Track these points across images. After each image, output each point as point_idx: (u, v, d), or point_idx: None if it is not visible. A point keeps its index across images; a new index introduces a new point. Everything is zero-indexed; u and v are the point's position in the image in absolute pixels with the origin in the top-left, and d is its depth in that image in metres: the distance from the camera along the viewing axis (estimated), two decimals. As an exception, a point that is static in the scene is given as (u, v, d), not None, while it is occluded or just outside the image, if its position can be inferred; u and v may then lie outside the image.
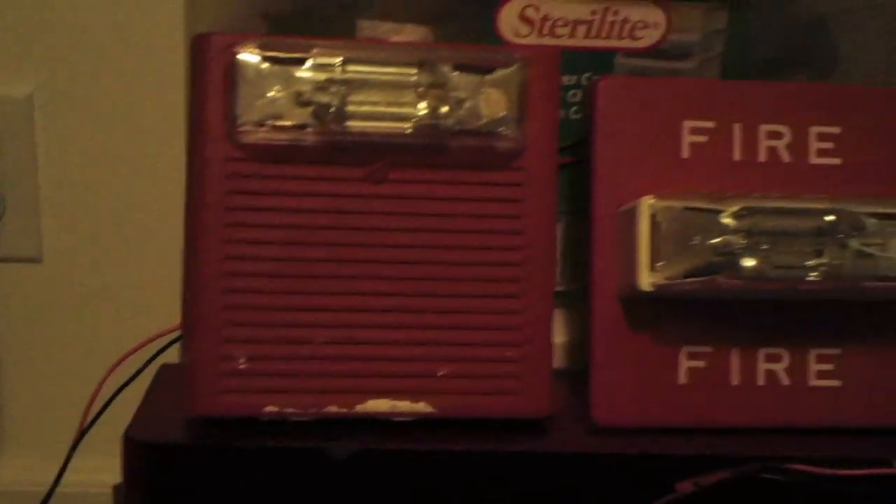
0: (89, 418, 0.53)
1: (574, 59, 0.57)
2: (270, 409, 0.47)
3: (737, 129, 0.53)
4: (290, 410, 0.47)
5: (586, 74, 0.58)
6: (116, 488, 0.50)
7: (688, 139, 0.53)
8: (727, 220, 0.48)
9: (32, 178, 0.78)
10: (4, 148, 0.77)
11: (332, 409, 0.48)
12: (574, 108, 0.58)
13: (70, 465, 0.56)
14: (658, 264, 0.49)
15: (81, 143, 0.77)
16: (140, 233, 0.79)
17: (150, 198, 0.79)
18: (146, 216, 0.79)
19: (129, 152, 0.78)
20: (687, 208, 0.49)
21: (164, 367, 0.55)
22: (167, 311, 0.58)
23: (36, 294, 0.80)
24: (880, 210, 0.49)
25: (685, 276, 0.49)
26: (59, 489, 0.58)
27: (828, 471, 0.50)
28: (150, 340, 0.54)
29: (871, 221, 0.49)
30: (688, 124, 0.53)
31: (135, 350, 0.53)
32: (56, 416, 0.78)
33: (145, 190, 0.78)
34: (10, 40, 0.76)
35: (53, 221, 0.79)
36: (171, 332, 0.54)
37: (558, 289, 0.59)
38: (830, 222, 0.49)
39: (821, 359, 0.53)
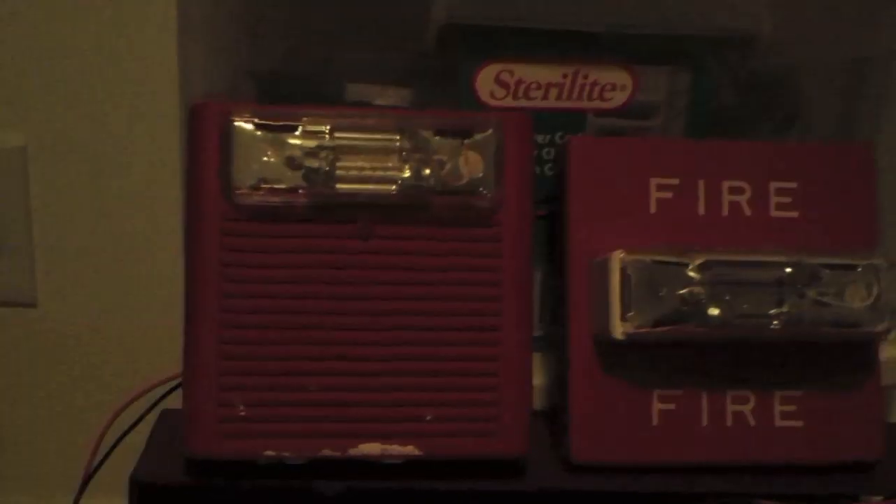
0: (94, 462, 0.55)
1: (548, 119, 0.61)
2: (269, 453, 0.50)
3: (701, 185, 0.56)
4: (287, 454, 0.50)
5: (559, 133, 0.61)
6: (121, 529, 0.53)
7: (655, 195, 0.56)
8: (692, 273, 0.52)
9: (27, 226, 0.78)
10: None
11: (327, 452, 0.50)
12: (549, 165, 0.61)
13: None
14: (629, 314, 0.52)
15: (75, 192, 0.77)
16: (132, 279, 0.79)
17: (141, 245, 0.78)
18: (139, 262, 0.79)
19: (121, 201, 0.77)
20: (655, 261, 0.52)
21: (166, 412, 0.58)
22: (161, 356, 0.60)
23: (30, 338, 0.80)
24: (835, 261, 0.53)
25: (654, 325, 0.52)
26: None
27: (792, 504, 0.53)
28: (152, 387, 0.56)
29: (827, 272, 0.53)
30: (655, 181, 0.56)
31: (137, 397, 0.56)
32: (52, 460, 0.80)
33: (138, 237, 0.78)
34: (4, 93, 0.75)
35: (48, 267, 0.79)
36: (172, 379, 0.56)
37: (538, 333, 0.62)
38: (789, 274, 0.52)
39: (784, 400, 0.56)
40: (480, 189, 0.52)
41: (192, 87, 0.62)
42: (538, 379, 0.61)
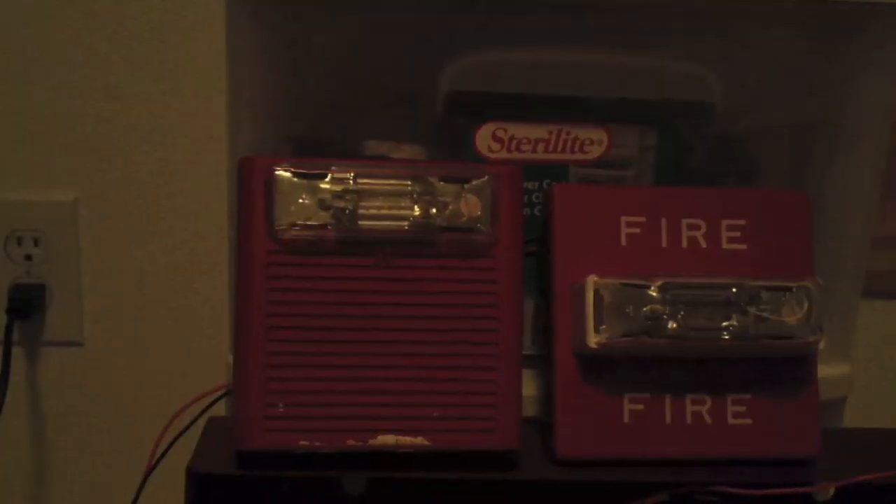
0: (154, 460, 0.64)
1: (536, 170, 0.71)
2: (303, 443, 0.60)
3: (664, 223, 0.66)
4: (318, 444, 0.60)
5: (546, 181, 0.71)
6: (181, 512, 0.62)
7: (625, 231, 0.65)
8: (654, 293, 0.62)
9: (76, 272, 0.83)
10: (50, 246, 0.82)
11: (351, 443, 0.60)
12: (537, 208, 0.71)
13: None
14: (601, 328, 0.62)
15: (121, 240, 0.83)
16: (172, 318, 0.85)
17: (181, 289, 0.84)
18: (179, 304, 0.85)
19: (163, 249, 0.83)
20: (622, 284, 0.62)
21: (213, 419, 0.68)
22: (200, 388, 0.68)
23: (78, 374, 0.85)
24: (772, 284, 0.63)
25: (622, 337, 0.62)
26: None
27: (747, 491, 0.62)
28: (204, 396, 0.66)
29: (766, 293, 0.62)
30: (625, 219, 0.65)
31: (191, 403, 0.65)
32: (98, 488, 0.87)
33: (178, 282, 0.84)
34: (58, 152, 0.80)
35: (95, 309, 0.84)
36: (217, 390, 0.66)
37: (531, 352, 0.72)
38: (734, 294, 0.62)
39: (735, 402, 0.65)
40: (478, 226, 0.62)
41: (238, 148, 0.70)
42: (531, 391, 0.70)
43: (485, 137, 0.71)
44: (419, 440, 0.61)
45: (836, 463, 0.66)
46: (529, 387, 0.69)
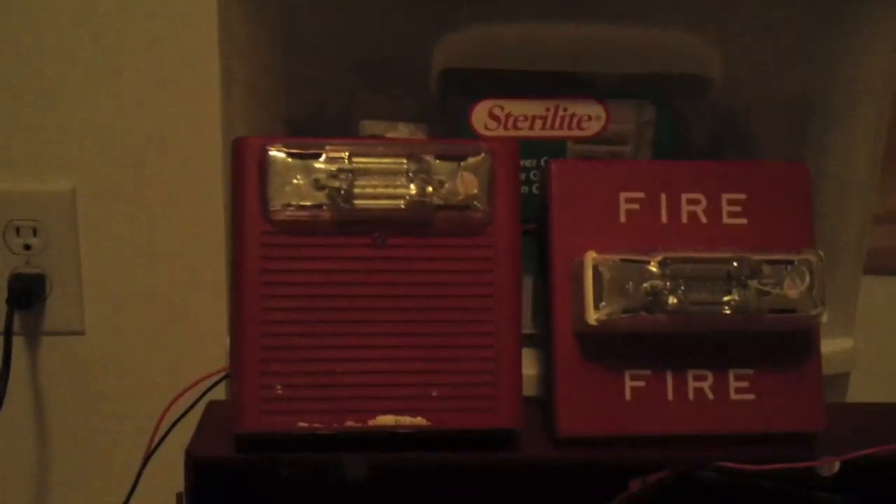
0: (154, 443, 0.64)
1: (534, 147, 0.70)
2: (302, 425, 0.59)
3: (663, 198, 0.65)
4: (317, 426, 0.60)
5: (544, 158, 0.70)
6: (179, 496, 0.62)
7: (624, 207, 0.65)
8: (653, 269, 0.61)
9: (75, 262, 0.82)
10: (50, 236, 0.81)
11: (350, 423, 0.60)
12: (535, 185, 0.71)
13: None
14: (601, 305, 0.61)
15: (120, 229, 0.81)
16: (174, 308, 0.83)
17: (182, 276, 0.83)
18: (179, 292, 0.83)
19: (162, 237, 0.82)
20: (622, 260, 0.61)
21: (212, 403, 0.67)
22: (203, 373, 0.67)
23: (79, 363, 0.84)
24: (773, 258, 0.62)
25: (622, 313, 0.61)
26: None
27: (750, 467, 0.62)
28: (203, 380, 0.65)
29: (767, 266, 0.62)
30: (624, 195, 0.65)
31: (190, 387, 0.65)
32: (100, 476, 0.86)
33: (177, 270, 0.83)
34: (55, 141, 0.79)
35: (95, 298, 0.83)
36: (218, 373, 0.66)
37: (530, 332, 0.71)
38: (735, 268, 0.62)
39: (738, 378, 0.64)
40: (475, 204, 0.61)
41: (232, 130, 0.70)
42: (532, 371, 0.70)
43: (481, 115, 0.70)
44: (418, 420, 0.60)
45: (840, 438, 0.65)
46: (530, 366, 0.69)
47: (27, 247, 0.82)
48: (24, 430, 0.86)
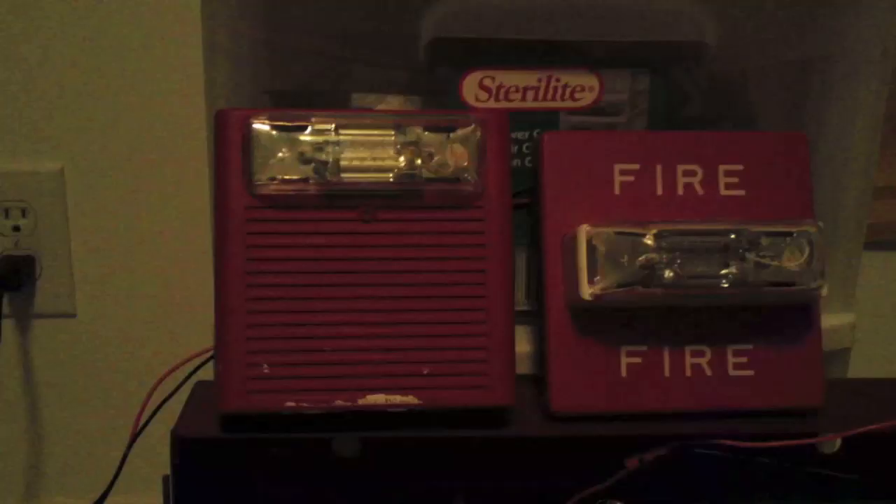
0: (140, 424, 0.63)
1: (526, 119, 0.69)
2: (289, 404, 0.58)
3: (658, 170, 0.64)
4: (305, 405, 0.58)
5: (536, 130, 0.69)
6: (165, 478, 0.60)
7: (619, 179, 0.63)
8: (649, 241, 0.60)
9: (66, 243, 0.82)
10: (39, 217, 0.81)
11: (339, 402, 0.58)
12: (528, 159, 0.69)
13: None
14: (595, 278, 0.60)
15: (109, 209, 0.81)
16: (165, 286, 0.83)
17: (173, 256, 0.83)
18: (171, 272, 0.83)
19: (152, 216, 0.82)
20: (616, 232, 0.60)
21: (200, 383, 0.66)
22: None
23: (72, 345, 0.84)
24: (772, 229, 0.60)
25: (617, 287, 0.59)
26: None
27: (749, 444, 0.60)
28: (190, 359, 0.64)
29: (766, 238, 0.60)
30: (618, 167, 0.64)
31: (177, 367, 0.64)
32: (92, 461, 0.86)
33: (169, 249, 0.83)
34: (42, 122, 0.79)
35: (86, 280, 0.83)
36: (205, 353, 0.64)
37: (524, 308, 0.70)
38: (732, 240, 0.60)
39: (736, 353, 0.63)
40: (465, 177, 0.60)
41: (216, 103, 0.68)
42: (526, 348, 0.69)
43: (471, 86, 0.69)
44: (409, 398, 0.59)
45: (841, 414, 0.64)
46: (524, 343, 0.68)
47: (16, 228, 0.81)
48: (14, 413, 0.86)
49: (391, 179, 0.59)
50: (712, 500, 0.63)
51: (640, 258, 0.59)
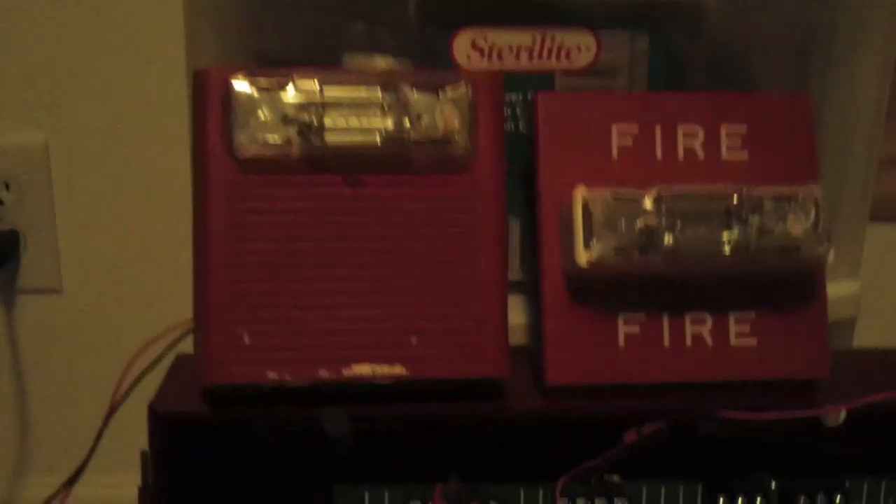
0: (118, 398, 0.61)
1: (520, 80, 0.66)
2: (271, 376, 0.56)
3: (658, 132, 0.61)
4: (288, 377, 0.56)
5: (531, 92, 0.66)
6: (144, 454, 0.58)
7: (616, 141, 0.61)
8: (647, 206, 0.57)
9: (51, 217, 0.80)
10: (23, 191, 0.79)
11: (323, 374, 0.56)
12: (522, 122, 0.67)
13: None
14: (591, 245, 0.57)
15: (95, 182, 0.79)
16: (154, 263, 0.80)
17: (160, 230, 0.80)
18: (158, 247, 0.81)
19: (138, 189, 0.79)
20: (614, 197, 0.57)
21: (181, 357, 0.64)
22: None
23: (57, 322, 0.82)
24: (776, 192, 0.58)
25: (614, 254, 0.57)
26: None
27: (751, 416, 0.58)
28: (168, 332, 0.62)
29: (769, 202, 0.58)
30: (616, 128, 0.61)
31: (156, 339, 0.62)
32: (77, 437, 0.79)
33: (157, 223, 0.80)
34: (24, 95, 0.77)
35: (71, 255, 0.81)
36: (186, 324, 0.62)
37: (518, 279, 0.68)
38: (735, 204, 0.58)
39: (738, 322, 0.61)
40: (456, 140, 0.57)
41: (198, 66, 0.66)
42: (520, 319, 0.67)
43: (462, 46, 0.66)
44: (397, 369, 0.57)
45: (846, 385, 0.62)
46: (518, 314, 0.66)
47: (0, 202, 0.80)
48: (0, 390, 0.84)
49: (378, 142, 0.57)
50: (713, 474, 0.61)
51: (639, 223, 0.57)
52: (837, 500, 0.62)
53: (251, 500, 0.62)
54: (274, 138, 0.56)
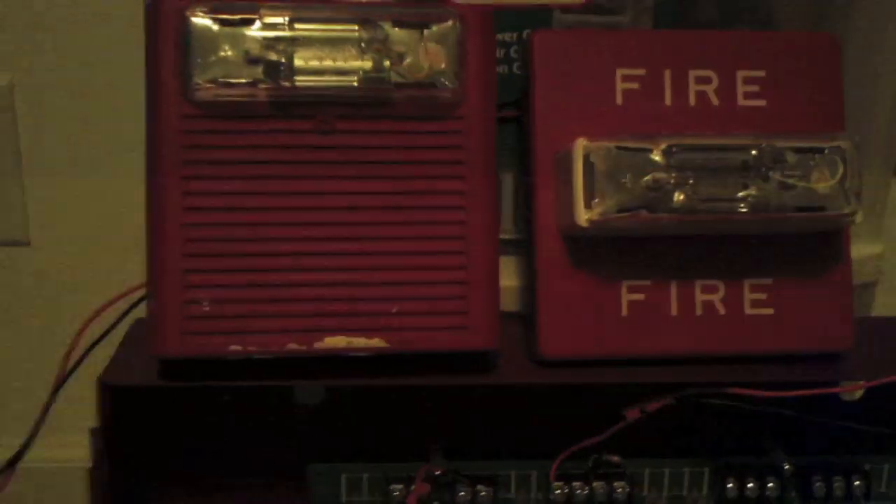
0: (68, 369, 0.55)
1: (514, 17, 0.60)
2: (234, 348, 0.50)
3: (667, 76, 0.56)
4: (252, 349, 0.50)
5: (526, 31, 0.60)
6: (94, 431, 0.53)
7: (621, 86, 0.55)
8: (657, 158, 0.51)
9: (17, 166, 0.77)
10: None
11: (293, 346, 0.50)
12: (516, 64, 0.61)
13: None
14: (593, 201, 0.51)
15: (63, 125, 0.76)
16: (122, 212, 0.77)
17: (130, 177, 0.72)
18: (131, 195, 0.71)
19: (108, 133, 0.76)
20: (619, 147, 0.51)
21: (139, 322, 0.58)
22: None
23: (25, 275, 0.80)
24: (800, 144, 0.52)
25: (618, 212, 0.51)
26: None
27: (765, 393, 0.53)
28: (128, 293, 0.56)
29: (792, 155, 0.52)
30: (621, 72, 0.55)
31: (111, 303, 0.56)
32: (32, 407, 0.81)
33: (126, 168, 0.76)
34: None
35: (40, 205, 0.78)
36: (143, 287, 0.56)
37: (511, 237, 0.62)
38: (754, 156, 0.52)
39: (754, 288, 0.55)
40: (442, 81, 0.52)
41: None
42: (513, 283, 0.61)
43: (451, -21, 0.59)
44: (375, 341, 0.51)
45: (865, 356, 0.57)
46: (510, 277, 0.61)
47: (-37, 149, 0.77)
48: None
49: (355, 84, 0.51)
50: (721, 454, 0.57)
51: (647, 178, 0.51)
52: (857, 483, 0.57)
53: (216, 482, 0.56)
54: (237, 79, 0.50)
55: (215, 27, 0.50)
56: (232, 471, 0.56)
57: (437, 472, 0.54)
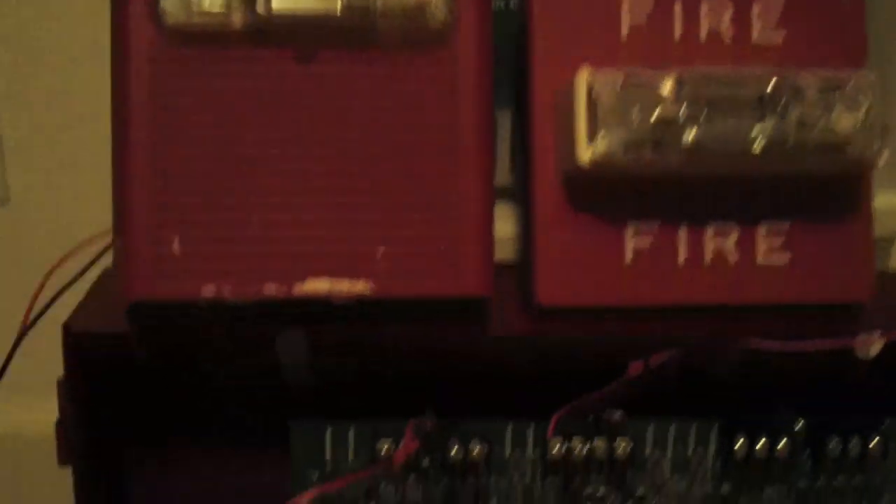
0: (31, 317, 0.52)
1: (513, -57, 0.56)
2: (207, 292, 0.47)
3: (677, 8, 0.52)
4: (227, 293, 0.47)
5: (524, -44, 0.57)
6: (60, 382, 0.49)
7: (626, 19, 0.52)
8: (666, 92, 0.48)
9: None
10: None
11: (270, 290, 0.47)
12: (514, -4, 0.57)
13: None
14: (596, 138, 0.48)
15: (39, 84, 0.73)
16: (103, 167, 0.77)
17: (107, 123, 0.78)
18: (106, 146, 0.78)
19: (86, 90, 0.72)
20: (625, 80, 0.48)
21: (108, 271, 0.55)
22: None
23: (5, 234, 0.76)
24: (821, 80, 0.48)
25: (624, 150, 0.48)
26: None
27: (778, 346, 0.50)
28: (91, 240, 0.53)
29: (812, 91, 0.48)
30: (626, 3, 0.52)
31: (76, 250, 0.53)
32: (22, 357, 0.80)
33: (106, 124, 0.77)
34: None
35: (18, 165, 0.76)
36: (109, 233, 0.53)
37: (507, 184, 0.59)
38: (770, 91, 0.48)
39: (769, 234, 0.52)
40: (432, 7, 0.48)
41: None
42: (508, 229, 0.58)
43: None
44: (360, 285, 0.47)
45: (885, 311, 0.54)
46: (506, 223, 0.57)
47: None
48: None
49: (337, 10, 0.47)
50: (730, 411, 0.53)
51: (655, 113, 0.47)
52: (874, 443, 0.54)
53: (192, 439, 0.53)
54: (210, 3, 0.47)
55: (186, -54, 0.46)
56: (209, 425, 0.53)
57: (428, 428, 0.51)
